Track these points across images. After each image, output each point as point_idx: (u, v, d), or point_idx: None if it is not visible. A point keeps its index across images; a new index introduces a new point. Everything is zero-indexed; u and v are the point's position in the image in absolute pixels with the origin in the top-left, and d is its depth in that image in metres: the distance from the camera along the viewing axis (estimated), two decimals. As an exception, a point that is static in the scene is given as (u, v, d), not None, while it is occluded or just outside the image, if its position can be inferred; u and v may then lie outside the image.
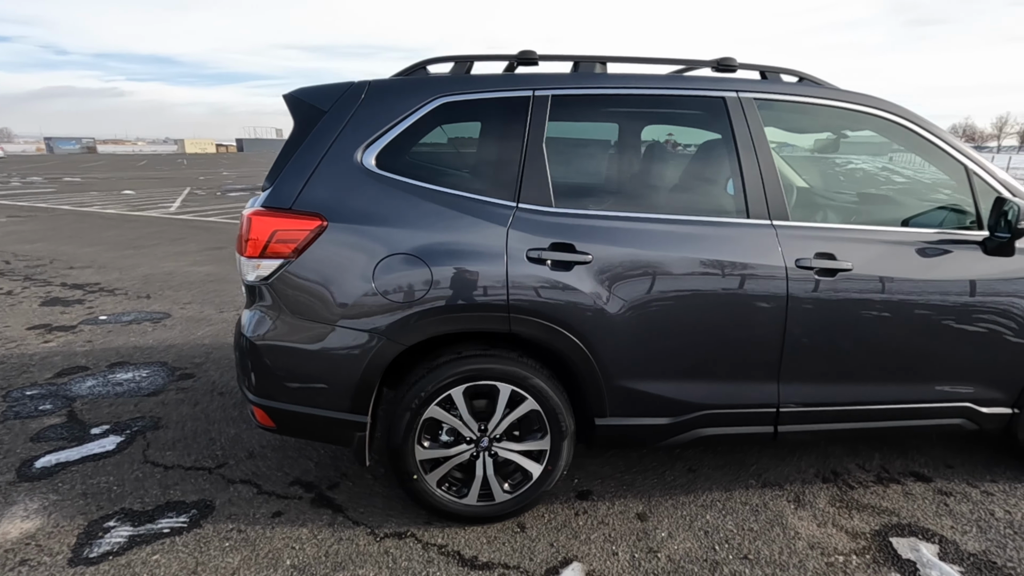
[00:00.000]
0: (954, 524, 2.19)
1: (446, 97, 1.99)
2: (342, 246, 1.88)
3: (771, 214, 2.07)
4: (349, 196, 1.91)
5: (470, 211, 1.93)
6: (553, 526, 2.16)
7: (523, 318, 1.93)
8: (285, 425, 2.06)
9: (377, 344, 1.90)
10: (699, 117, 2.14)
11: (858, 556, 2.01)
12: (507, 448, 2.09)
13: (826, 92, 2.22)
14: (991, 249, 2.16)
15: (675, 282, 1.99)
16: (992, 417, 2.31)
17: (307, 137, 1.96)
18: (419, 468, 2.05)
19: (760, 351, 2.08)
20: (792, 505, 2.30)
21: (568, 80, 2.06)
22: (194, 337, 4.22)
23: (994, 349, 2.21)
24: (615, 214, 2.01)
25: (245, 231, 1.92)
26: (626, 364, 2.02)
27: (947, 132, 2.26)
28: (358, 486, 2.39)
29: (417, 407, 1.97)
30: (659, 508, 2.27)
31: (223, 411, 3.06)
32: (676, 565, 1.96)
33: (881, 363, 2.17)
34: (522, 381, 2.00)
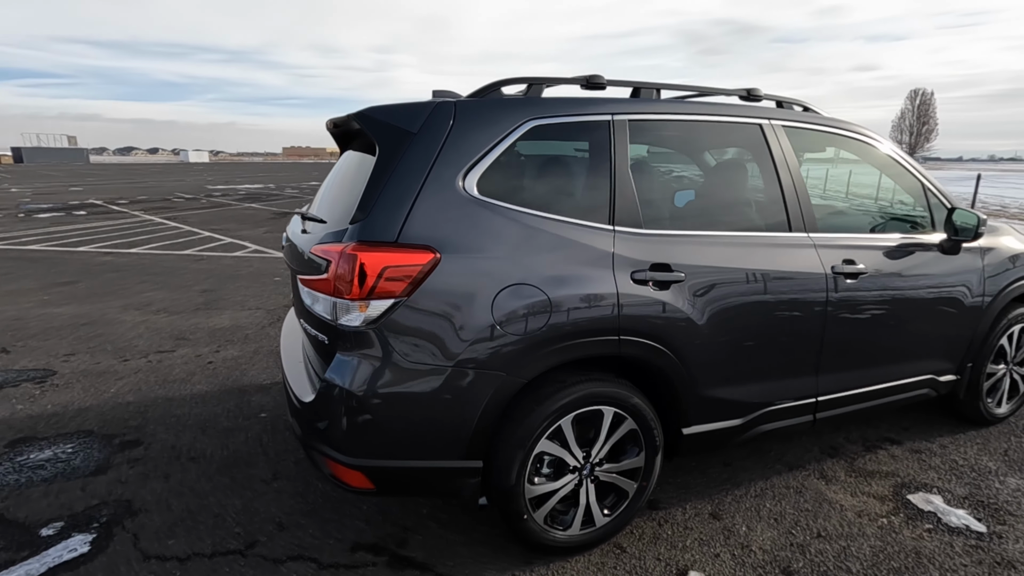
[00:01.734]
0: (938, 476, 2.66)
1: (536, 120, 1.93)
2: (457, 280, 1.72)
3: (806, 226, 2.35)
4: (457, 225, 1.76)
5: (577, 236, 1.89)
6: (646, 541, 2.19)
7: (631, 339, 1.95)
8: (389, 485, 1.82)
9: (497, 382, 1.78)
10: (744, 141, 2.35)
11: (894, 516, 2.35)
12: (607, 471, 2.08)
13: (824, 119, 2.57)
14: (946, 249, 2.68)
15: (747, 292, 2.15)
16: (946, 384, 2.86)
17: (399, 162, 1.76)
18: (528, 507, 1.95)
19: (806, 348, 2.34)
20: (823, 482, 2.60)
21: (639, 105, 2.13)
22: (109, 395, 3.47)
23: (947, 328, 2.74)
24: (695, 233, 2.12)
25: (345, 269, 1.66)
26: (709, 373, 2.14)
27: (909, 156, 2.75)
28: (429, 538, 2.19)
29: (530, 443, 1.88)
30: (724, 505, 2.42)
31: (208, 480, 2.58)
32: (772, 555, 2.12)
33: (884, 348, 2.57)
34: (624, 401, 2.01)
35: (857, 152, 2.72)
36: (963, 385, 2.93)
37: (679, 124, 2.21)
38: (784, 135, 2.39)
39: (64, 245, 9.17)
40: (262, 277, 6.90)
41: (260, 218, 13.19)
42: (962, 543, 2.19)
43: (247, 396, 3.48)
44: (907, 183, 2.77)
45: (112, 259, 8.01)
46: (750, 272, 2.15)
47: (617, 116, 2.06)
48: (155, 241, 9.58)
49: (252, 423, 3.13)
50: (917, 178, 2.74)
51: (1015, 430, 3.11)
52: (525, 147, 1.93)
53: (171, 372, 3.85)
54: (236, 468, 2.68)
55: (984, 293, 2.79)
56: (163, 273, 7.09)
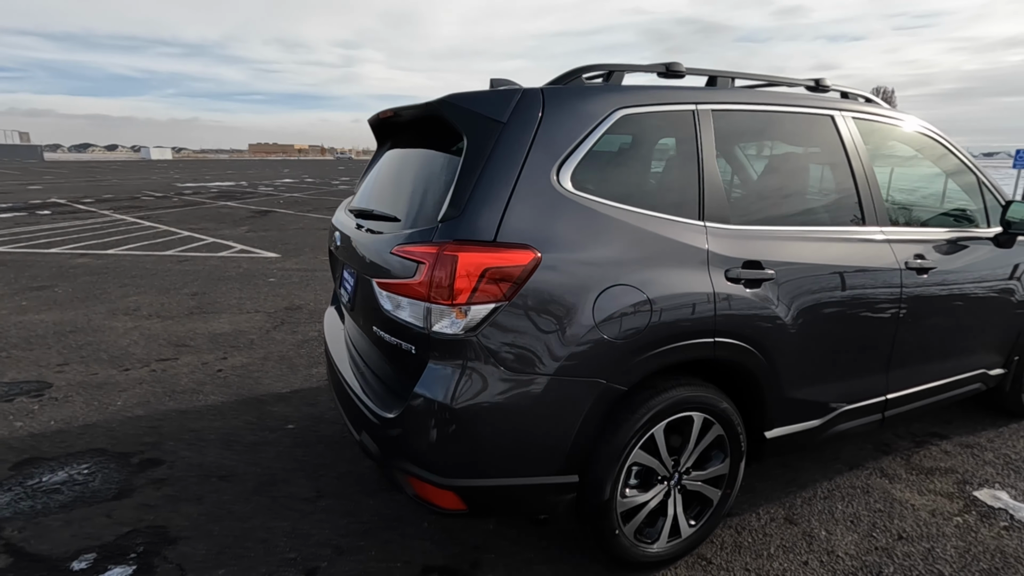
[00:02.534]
0: (995, 471, 2.64)
1: (625, 109, 1.80)
2: (558, 282, 1.58)
3: (879, 220, 2.28)
4: (554, 222, 1.62)
5: (672, 233, 1.78)
6: (729, 550, 2.10)
7: (725, 342, 1.84)
8: (482, 505, 1.67)
9: (598, 390, 1.65)
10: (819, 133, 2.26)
11: (967, 514, 2.32)
12: (694, 479, 1.97)
13: (883, 111, 2.51)
14: (1001, 243, 2.66)
15: (827, 289, 2.07)
16: (995, 377, 2.85)
17: (490, 154, 1.61)
18: (619, 521, 1.83)
19: (880, 345, 2.28)
20: (886, 480, 2.56)
21: (719, 95, 2.02)
22: (115, 409, 3.21)
23: (1000, 321, 2.73)
24: (781, 228, 2.02)
25: (443, 272, 1.50)
26: (793, 373, 2.05)
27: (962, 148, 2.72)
28: (504, 556, 2.05)
29: (624, 454, 1.76)
30: (796, 508, 2.35)
31: (246, 501, 2.38)
32: (860, 561, 2.05)
33: (948, 343, 2.54)
34: (713, 407, 1.91)
35: (918, 145, 2.68)
36: (1009, 378, 2.93)
37: (758, 115, 2.11)
38: (854, 126, 2.32)
39: (33, 247, 8.63)
40: (254, 278, 6.60)
41: (239, 216, 12.72)
42: (1042, 540, 2.16)
43: (267, 406, 3.27)
44: (964, 178, 2.74)
45: (88, 261, 7.57)
46: (832, 268, 2.08)
47: (701, 105, 1.95)
48: (132, 242, 9.10)
49: (280, 436, 2.93)
50: (974, 172, 2.72)
51: (1053, 421, 3.14)
52: (615, 138, 1.80)
53: (178, 382, 3.60)
54: (274, 487, 2.48)
55: (1032, 286, 2.79)
56: (146, 275, 6.72)
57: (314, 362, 3.94)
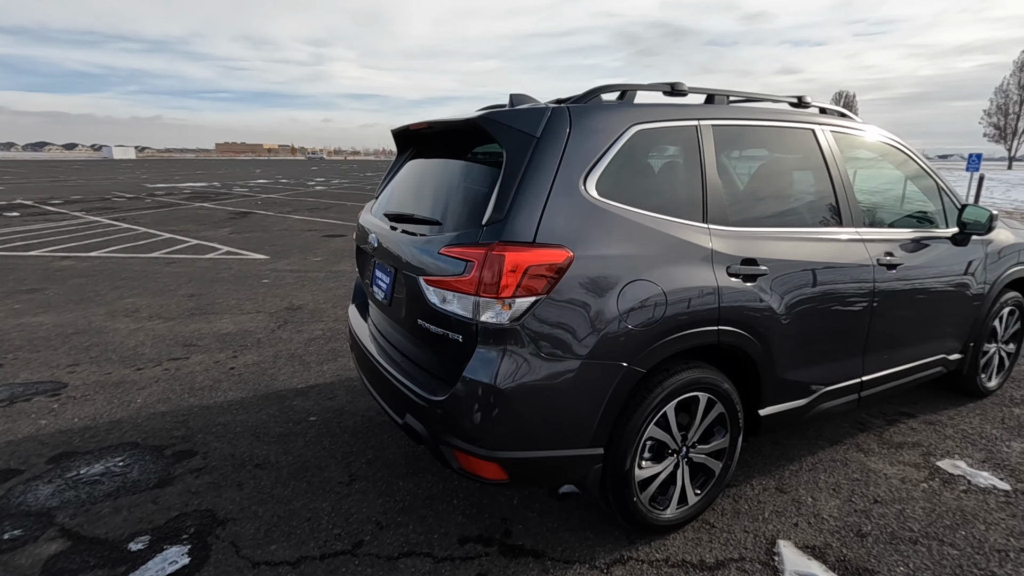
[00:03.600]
0: (955, 444, 2.98)
1: (640, 125, 2.05)
2: (588, 277, 1.82)
3: (855, 222, 2.58)
4: (583, 225, 1.85)
5: (681, 234, 2.03)
6: (729, 516, 2.36)
7: (728, 329, 2.10)
8: (521, 475, 1.89)
9: (621, 372, 1.88)
10: (803, 145, 2.55)
11: (932, 480, 2.64)
12: (699, 452, 2.23)
13: (856, 124, 2.83)
14: (958, 241, 3.00)
15: (811, 282, 2.35)
16: (954, 362, 3.20)
17: (527, 165, 1.84)
18: (636, 490, 2.08)
19: (857, 333, 2.58)
20: (862, 454, 2.87)
21: (718, 111, 2.29)
22: (137, 406, 3.33)
23: (958, 312, 3.07)
24: (772, 229, 2.30)
25: (493, 270, 1.71)
26: (784, 357, 2.33)
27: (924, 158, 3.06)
28: (531, 526, 2.28)
29: (641, 429, 2.00)
30: (785, 479, 2.63)
31: (284, 486, 2.55)
32: (843, 521, 2.33)
33: (915, 331, 2.86)
34: (716, 387, 2.17)
35: (884, 154, 3.00)
36: (966, 362, 3.28)
37: (750, 129, 2.39)
38: (832, 138, 2.61)
39: (11, 249, 8.50)
40: (247, 279, 6.68)
41: (218, 218, 12.63)
42: (994, 500, 2.48)
43: (287, 401, 3.42)
44: (925, 183, 3.08)
45: (72, 264, 7.51)
46: (815, 264, 2.36)
47: (702, 121, 2.21)
48: (113, 244, 9.02)
49: (305, 427, 3.10)
50: (934, 179, 3.05)
51: (1004, 401, 3.51)
52: (631, 151, 2.04)
53: (194, 380, 3.72)
54: (309, 472, 2.66)
55: (986, 281, 3.14)
56: (136, 278, 6.73)
57: (325, 359, 4.10)
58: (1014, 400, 3.53)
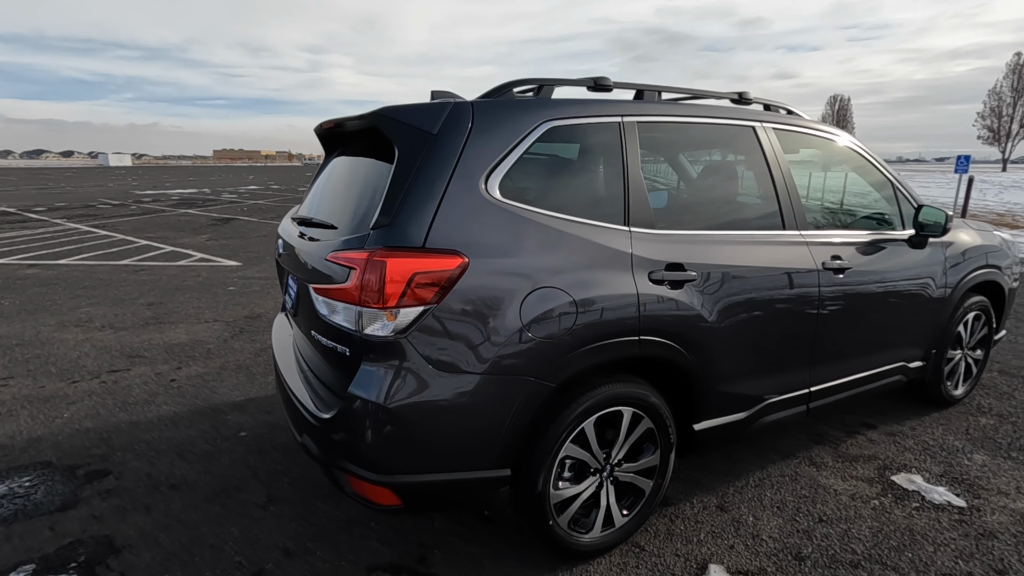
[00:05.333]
0: (914, 457, 2.84)
1: (553, 121, 1.91)
2: (485, 285, 1.68)
3: (798, 225, 2.45)
4: (482, 229, 1.71)
5: (597, 238, 1.89)
6: (662, 537, 2.22)
7: (651, 340, 1.96)
8: (418, 500, 1.74)
9: (527, 388, 1.74)
10: (741, 143, 2.42)
11: (884, 497, 2.49)
12: (626, 471, 2.09)
13: (804, 122, 2.70)
14: (915, 244, 2.87)
15: (751, 289, 2.22)
16: (915, 370, 3.06)
17: (420, 164, 1.70)
18: (552, 512, 1.93)
19: (801, 341, 2.44)
20: (814, 468, 2.72)
21: (645, 107, 2.15)
22: (62, 422, 3.17)
23: (917, 317, 2.93)
24: (703, 232, 2.16)
25: (373, 277, 1.57)
26: (718, 369, 2.19)
27: (880, 158, 2.93)
28: (450, 553, 2.13)
29: (555, 448, 1.86)
30: (728, 497, 2.49)
31: (196, 509, 2.40)
32: (783, 543, 2.19)
33: (868, 339, 2.72)
34: (642, 401, 2.02)
35: (834, 153, 2.87)
36: (928, 370, 3.14)
37: (682, 126, 2.25)
38: (774, 136, 2.48)
39: (-22, 258, 8.33)
40: (213, 287, 6.53)
41: (199, 224, 12.48)
42: (947, 518, 2.34)
43: (222, 416, 3.27)
44: (880, 183, 2.94)
45: (37, 272, 7.35)
46: (753, 270, 2.22)
47: (626, 118, 2.08)
48: (86, 251, 8.87)
49: (234, 444, 2.94)
50: (888, 178, 2.92)
51: (971, 410, 3.37)
52: (543, 149, 1.91)
53: (130, 393, 3.56)
54: (226, 494, 2.50)
55: (946, 284, 3.01)
56: (99, 286, 6.57)
57: (271, 370, 3.94)
58: (981, 409, 3.39)
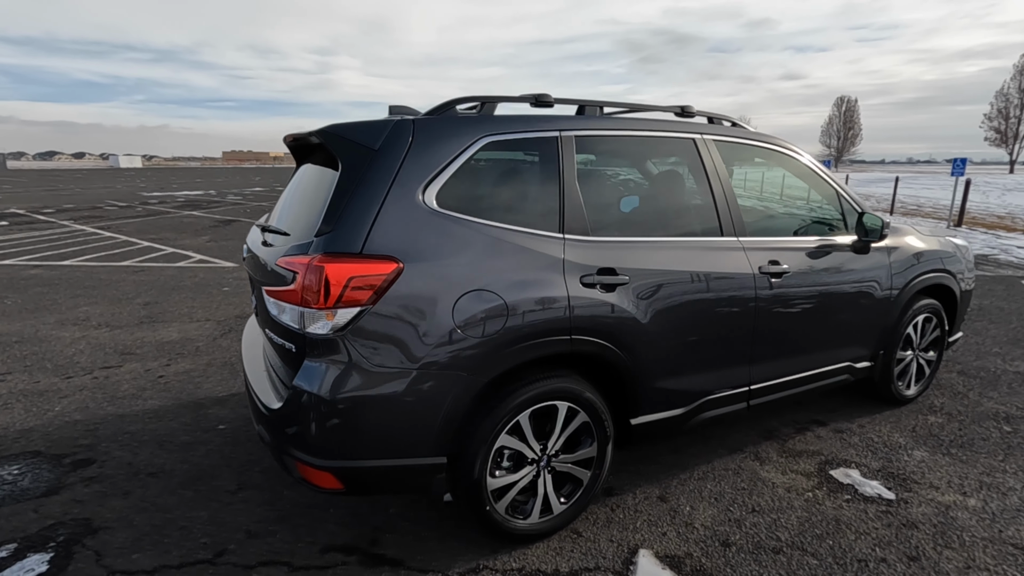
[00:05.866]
0: (856, 452, 2.97)
1: (491, 136, 2.07)
2: (419, 288, 1.84)
3: (736, 231, 2.59)
4: (417, 236, 1.87)
5: (530, 244, 2.05)
6: (600, 524, 2.37)
7: (582, 338, 2.11)
8: (358, 484, 1.91)
9: (460, 382, 1.90)
10: (680, 154, 2.57)
11: (819, 489, 2.63)
12: (563, 461, 2.24)
13: (748, 134, 2.84)
14: (858, 249, 3.00)
15: (685, 292, 2.37)
16: (862, 370, 3.19)
17: (361, 177, 1.87)
18: (490, 498, 2.09)
19: (740, 341, 2.58)
20: (758, 463, 2.86)
21: (583, 122, 2.31)
22: (53, 415, 3.36)
23: (862, 320, 3.07)
24: (637, 239, 2.31)
25: (313, 280, 1.75)
26: (654, 366, 2.34)
27: (822, 166, 3.07)
28: (401, 536, 2.29)
29: (491, 438, 2.02)
30: (671, 489, 2.63)
31: (171, 494, 2.57)
32: (713, 531, 2.33)
33: (808, 340, 2.86)
34: (576, 396, 2.18)
35: (779, 163, 3.01)
36: (877, 370, 3.27)
37: (621, 139, 2.41)
38: (715, 148, 2.63)
39: (-14, 259, 8.60)
40: (208, 287, 6.74)
41: (201, 226, 12.74)
42: (874, 509, 2.48)
43: (204, 409, 3.45)
44: (823, 190, 3.08)
45: (41, 272, 7.60)
46: (686, 274, 2.37)
47: (564, 132, 2.23)
48: (89, 252, 9.12)
49: (212, 436, 3.12)
50: (831, 185, 3.06)
51: (922, 409, 3.49)
52: (480, 162, 2.07)
53: (119, 388, 3.76)
54: (200, 481, 2.68)
55: (892, 287, 3.14)
56: (99, 286, 6.80)
57: (254, 367, 4.12)
58: (933, 408, 3.51)
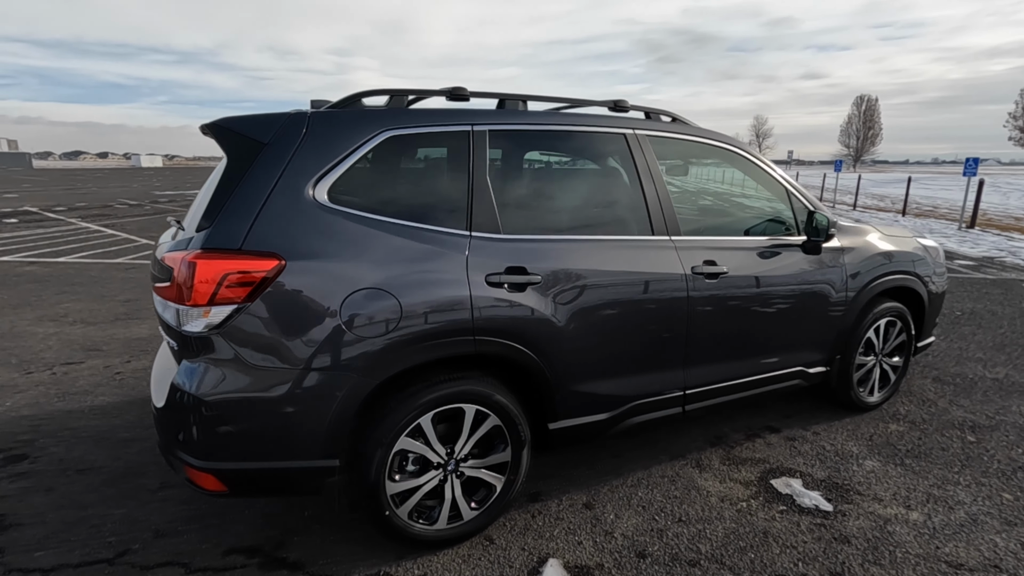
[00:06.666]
0: (804, 461, 2.85)
1: (394, 130, 2.01)
2: (304, 285, 1.79)
3: (668, 230, 2.49)
4: (305, 232, 1.82)
5: (430, 242, 1.98)
6: (516, 532, 2.29)
7: (487, 339, 2.04)
8: (242, 486, 1.86)
9: (349, 383, 1.85)
10: (607, 150, 2.48)
11: (754, 499, 2.52)
12: (473, 466, 2.17)
13: (691, 129, 2.74)
14: (808, 249, 2.88)
15: (607, 293, 2.28)
16: (816, 375, 3.07)
17: (247, 171, 1.82)
18: (391, 503, 2.02)
19: (671, 344, 2.49)
20: (697, 470, 2.76)
21: (500, 116, 2.24)
22: (3, 409, 3.38)
23: (813, 323, 2.94)
24: (554, 237, 2.23)
25: (185, 276, 1.70)
26: (573, 370, 2.26)
27: (771, 162, 2.95)
28: (309, 539, 2.24)
29: (388, 441, 1.96)
30: (600, 495, 2.55)
31: (93, 492, 2.56)
32: (631, 540, 2.25)
33: (750, 343, 2.75)
34: (486, 399, 2.10)
35: (727, 160, 2.90)
36: (833, 376, 3.14)
37: (543, 134, 2.33)
38: (649, 144, 2.53)
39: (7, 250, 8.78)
40: (193, 285, 6.77)
41: (204, 225, 12.86)
42: (808, 522, 2.36)
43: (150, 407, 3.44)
44: (773, 188, 2.96)
45: (35, 269, 7.73)
46: (608, 273, 2.28)
47: (477, 126, 2.16)
48: (86, 249, 9.26)
49: (151, 434, 3.08)
50: (782, 184, 2.94)
51: (884, 417, 3.35)
52: (381, 157, 2.01)
53: (75, 384, 3.77)
54: (125, 479, 2.66)
55: (847, 290, 3.01)
56: (87, 283, 6.88)
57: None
58: (897, 415, 3.37)
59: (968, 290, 6.65)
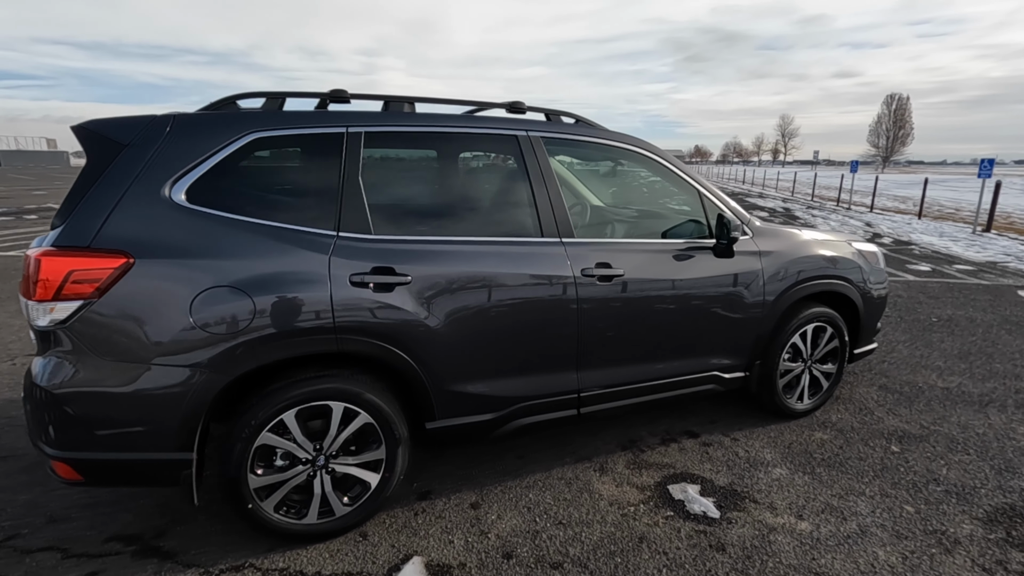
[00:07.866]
0: (711, 467, 2.81)
1: (259, 132, 2.06)
2: (153, 283, 1.85)
3: (560, 232, 2.49)
4: (158, 231, 1.88)
5: (289, 241, 2.02)
6: (394, 529, 2.32)
7: (351, 338, 2.07)
8: (97, 476, 1.93)
9: (200, 378, 1.90)
10: (496, 152, 2.49)
11: (644, 504, 2.50)
12: (344, 463, 2.20)
13: (596, 132, 2.72)
14: (719, 252, 2.83)
15: (486, 295, 2.29)
16: (732, 380, 3.02)
17: (105, 172, 1.89)
18: (254, 496, 2.07)
19: (561, 346, 2.48)
20: (598, 473, 2.75)
21: (380, 118, 2.27)
22: (-45, 398, 3.55)
23: (725, 327, 2.90)
24: (429, 238, 2.25)
25: (32, 272, 1.78)
26: (450, 371, 2.27)
27: (682, 164, 2.91)
28: (191, 529, 2.31)
29: (248, 436, 2.00)
30: (490, 495, 2.56)
31: (8, 478, 2.67)
32: (504, 540, 2.25)
33: (652, 347, 2.72)
34: (355, 397, 2.14)
35: (635, 162, 2.87)
36: (753, 381, 3.09)
37: (425, 136, 2.35)
38: (543, 147, 2.53)
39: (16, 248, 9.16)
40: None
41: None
42: (690, 528, 2.34)
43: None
44: (683, 191, 2.92)
45: (37, 264, 8.02)
46: (486, 276, 2.29)
47: (352, 128, 2.20)
48: (89, 245, 9.58)
49: (81, 423, 3.22)
50: (694, 186, 2.90)
51: (813, 424, 3.28)
52: (246, 158, 2.06)
53: (31, 375, 3.92)
54: (41, 467, 2.77)
55: (764, 294, 2.95)
56: (81, 277, 7.12)
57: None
58: (827, 423, 3.29)
59: (955, 296, 6.43)
